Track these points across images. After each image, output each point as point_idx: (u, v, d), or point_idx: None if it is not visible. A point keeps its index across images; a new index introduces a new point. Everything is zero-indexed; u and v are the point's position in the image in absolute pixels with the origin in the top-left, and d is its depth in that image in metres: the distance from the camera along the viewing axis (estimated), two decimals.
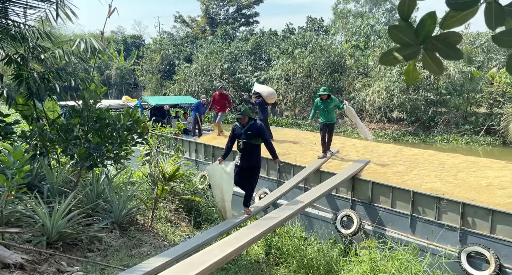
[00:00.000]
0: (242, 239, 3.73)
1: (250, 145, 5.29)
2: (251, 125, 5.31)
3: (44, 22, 4.80)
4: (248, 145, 5.28)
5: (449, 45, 1.08)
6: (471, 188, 5.96)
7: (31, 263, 3.14)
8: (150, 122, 10.67)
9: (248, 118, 5.35)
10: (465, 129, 19.60)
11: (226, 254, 3.38)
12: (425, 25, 1.11)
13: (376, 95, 20.43)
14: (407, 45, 1.11)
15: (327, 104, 7.72)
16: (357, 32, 26.29)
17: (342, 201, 6.98)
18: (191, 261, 3.29)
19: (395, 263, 4.17)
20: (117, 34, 47.94)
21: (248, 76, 28.18)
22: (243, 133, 5.31)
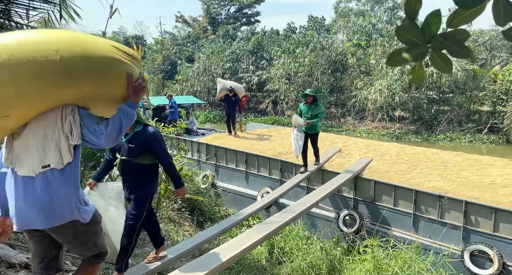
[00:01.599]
0: (244, 243, 3.74)
1: (132, 165, 3.08)
2: (136, 133, 3.05)
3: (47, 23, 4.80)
4: (129, 166, 3.09)
5: (458, 43, 1.07)
6: (474, 187, 5.95)
7: None
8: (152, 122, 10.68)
9: None
10: (468, 128, 19.55)
11: (228, 258, 3.39)
12: (430, 23, 1.11)
13: (378, 93, 20.41)
14: (415, 45, 1.11)
15: (310, 109, 6.77)
16: (358, 31, 26.25)
17: (344, 200, 6.98)
18: (193, 265, 3.30)
19: (398, 262, 4.18)
20: (118, 35, 48.01)
21: (250, 76, 28.18)
22: (123, 146, 3.12)
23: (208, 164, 9.70)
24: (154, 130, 3.16)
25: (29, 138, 1.76)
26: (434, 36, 1.10)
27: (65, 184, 1.82)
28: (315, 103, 6.82)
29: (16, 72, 1.58)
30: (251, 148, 8.96)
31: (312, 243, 6.07)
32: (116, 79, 1.85)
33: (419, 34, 1.10)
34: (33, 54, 1.60)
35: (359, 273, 4.33)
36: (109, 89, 1.85)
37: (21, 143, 1.77)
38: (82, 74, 1.71)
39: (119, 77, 1.85)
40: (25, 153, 1.77)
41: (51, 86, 1.67)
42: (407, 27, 1.10)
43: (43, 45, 1.64)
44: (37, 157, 1.77)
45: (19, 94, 1.62)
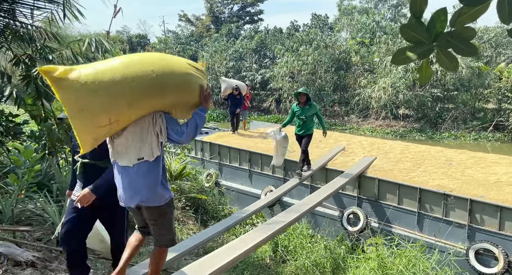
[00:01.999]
0: (248, 243, 3.75)
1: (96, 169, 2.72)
2: None
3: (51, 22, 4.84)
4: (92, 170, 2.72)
5: (463, 41, 1.07)
6: (479, 185, 5.92)
7: (42, 260, 3.19)
8: None
9: None
10: (473, 125, 19.41)
11: (233, 258, 3.40)
12: (437, 22, 1.10)
13: (382, 91, 20.31)
14: (420, 43, 1.10)
15: (304, 110, 6.30)
16: (362, 29, 26.12)
17: (348, 199, 6.97)
18: (199, 265, 3.31)
19: (402, 260, 4.17)
20: (122, 34, 48.12)
21: (253, 74, 28.16)
22: None
23: (211, 162, 9.72)
24: None
25: (128, 137, 2.25)
26: (440, 34, 1.09)
27: (153, 172, 2.30)
28: (309, 103, 6.36)
29: (126, 88, 2.07)
30: (254, 147, 8.96)
31: (316, 242, 6.07)
32: (192, 90, 2.34)
33: (425, 32, 1.09)
34: (136, 73, 2.10)
35: (363, 271, 4.32)
36: (187, 98, 2.34)
37: (121, 141, 2.27)
38: (170, 87, 2.21)
39: (194, 88, 2.34)
40: (124, 149, 2.27)
41: (148, 97, 2.16)
42: (413, 25, 1.10)
43: (142, 66, 2.13)
44: (134, 151, 2.26)
45: (128, 104, 2.10)
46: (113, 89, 2.04)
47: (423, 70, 1.21)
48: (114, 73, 2.07)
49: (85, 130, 2.10)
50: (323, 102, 24.78)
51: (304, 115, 6.30)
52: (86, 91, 2.01)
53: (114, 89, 2.04)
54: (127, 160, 2.28)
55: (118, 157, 2.31)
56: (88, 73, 2.05)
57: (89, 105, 2.03)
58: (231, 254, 3.42)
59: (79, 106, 2.03)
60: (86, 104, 2.03)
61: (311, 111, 6.32)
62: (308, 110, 6.31)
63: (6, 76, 4.75)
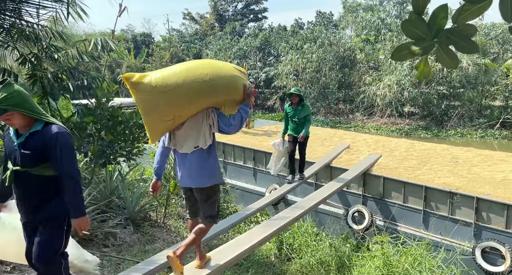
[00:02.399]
0: (253, 239, 3.76)
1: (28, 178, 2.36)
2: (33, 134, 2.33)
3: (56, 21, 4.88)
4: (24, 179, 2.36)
5: (464, 38, 1.06)
6: (485, 183, 5.87)
7: None
8: None
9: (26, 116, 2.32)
10: (480, 123, 19.22)
11: (237, 254, 3.42)
12: (437, 18, 1.09)
13: (387, 89, 20.18)
14: (421, 39, 1.10)
15: (297, 112, 5.94)
16: (367, 26, 25.94)
17: (353, 197, 6.95)
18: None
19: (408, 258, 4.15)
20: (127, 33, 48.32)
21: (257, 72, 28.13)
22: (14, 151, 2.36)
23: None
24: (59, 130, 2.33)
25: (187, 129, 2.70)
26: (440, 31, 1.09)
27: (207, 158, 2.75)
28: (302, 104, 5.97)
29: (188, 89, 2.52)
30: (259, 145, 8.96)
31: (321, 240, 6.07)
32: (238, 89, 2.76)
33: (426, 28, 1.09)
34: (195, 77, 2.55)
35: (368, 269, 4.32)
36: (234, 96, 2.78)
37: (181, 133, 2.72)
38: (220, 88, 2.65)
39: (239, 87, 2.76)
40: (183, 139, 2.72)
41: (204, 96, 2.61)
42: (414, 21, 1.09)
43: (198, 71, 2.59)
44: (191, 141, 2.70)
45: (188, 102, 2.55)
46: (177, 90, 2.50)
47: (422, 67, 1.20)
48: (177, 77, 2.54)
49: (155, 124, 2.57)
50: (327, 100, 24.69)
51: (297, 117, 5.93)
52: (156, 92, 2.48)
53: (177, 90, 2.50)
54: (185, 148, 2.73)
55: (178, 146, 2.76)
56: (157, 77, 2.52)
57: (158, 103, 2.50)
58: (236, 250, 3.44)
59: (151, 104, 2.50)
60: (156, 102, 2.50)
61: (304, 113, 5.93)
62: (301, 112, 5.92)
63: (13, 75, 4.81)
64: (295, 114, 5.95)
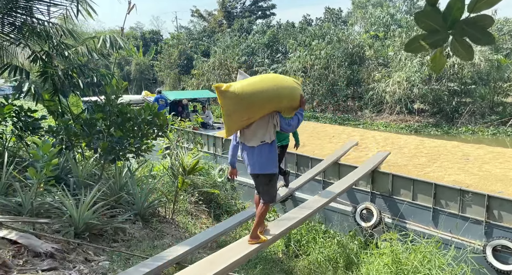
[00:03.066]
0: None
1: None
2: None
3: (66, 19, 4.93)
4: None
5: (480, 30, 1.03)
6: (497, 180, 5.77)
7: (61, 252, 3.28)
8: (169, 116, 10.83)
9: None
10: (491, 120, 18.89)
11: (247, 253, 3.43)
12: (453, 9, 1.07)
13: (397, 86, 19.94)
14: (435, 31, 1.07)
15: None
16: (376, 22, 25.63)
17: (361, 194, 6.90)
18: (213, 259, 3.35)
19: (417, 256, 4.11)
20: (135, 30, 48.61)
21: (265, 69, 28.05)
22: None
23: (224, 157, 9.76)
24: None
25: (255, 128, 3.38)
26: (456, 22, 1.06)
27: (270, 150, 3.42)
28: None
29: (261, 97, 3.20)
30: None
31: (328, 237, 6.05)
32: (296, 97, 3.46)
33: (440, 19, 1.06)
34: (267, 87, 3.24)
35: (377, 267, 4.29)
36: (292, 103, 3.47)
37: (250, 130, 3.40)
38: (284, 96, 3.34)
39: (297, 96, 3.47)
40: (252, 135, 3.41)
41: (272, 102, 3.29)
42: (428, 13, 1.06)
43: (269, 83, 3.33)
44: (259, 137, 3.38)
45: (260, 107, 3.25)
46: (252, 98, 3.19)
47: (437, 59, 1.17)
48: (252, 87, 3.24)
49: (233, 123, 3.27)
50: (336, 97, 24.51)
51: None
52: (237, 99, 3.17)
53: (253, 98, 3.20)
54: (253, 142, 3.42)
55: (246, 140, 3.45)
56: (238, 87, 3.21)
57: (238, 107, 3.20)
58: (246, 249, 3.45)
59: (233, 108, 3.20)
60: (236, 107, 3.20)
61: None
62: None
63: (25, 72, 4.87)
64: None
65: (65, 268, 3.13)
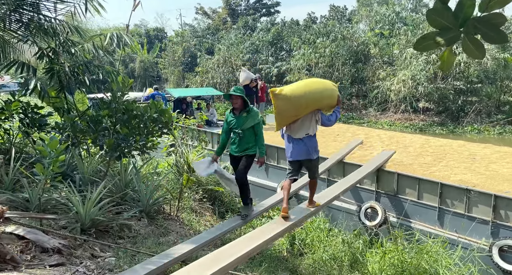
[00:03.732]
0: (266, 234, 3.78)
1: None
2: None
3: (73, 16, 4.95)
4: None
5: (492, 28, 1.02)
6: (504, 180, 5.73)
7: (68, 248, 3.31)
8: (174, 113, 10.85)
9: None
10: (498, 119, 18.71)
11: (250, 249, 3.44)
12: (464, 6, 1.05)
13: (402, 84, 19.80)
14: (447, 29, 1.06)
15: (241, 120, 4.33)
16: (381, 20, 25.44)
17: (366, 193, 6.88)
18: (217, 255, 3.36)
19: (424, 256, 4.09)
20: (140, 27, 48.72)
21: (269, 67, 27.99)
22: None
23: (228, 155, 9.78)
24: None
25: (301, 123, 4.17)
26: (467, 20, 1.05)
27: (313, 141, 4.26)
28: (247, 110, 4.34)
29: (307, 98, 3.99)
30: (270, 140, 8.94)
31: (333, 236, 6.04)
32: (334, 97, 4.27)
33: (452, 17, 1.05)
34: (310, 90, 4.03)
35: (382, 266, 4.28)
36: (331, 102, 4.28)
37: (296, 126, 4.19)
38: (325, 97, 4.16)
39: (335, 96, 4.28)
40: (298, 128, 4.19)
41: (315, 103, 4.07)
42: (439, 11, 1.05)
43: (313, 86, 4.13)
44: (304, 130, 4.18)
45: (306, 107, 4.02)
46: (299, 99, 3.96)
47: (445, 57, 1.16)
48: (300, 91, 4.03)
49: (283, 120, 4.10)
50: (340, 95, 24.35)
51: (240, 128, 4.33)
52: (287, 100, 3.95)
53: (300, 99, 3.97)
54: (299, 135, 4.19)
55: (292, 133, 4.23)
56: (288, 91, 4.02)
57: (288, 107, 3.98)
58: (249, 245, 3.45)
59: (284, 107, 3.98)
60: (287, 106, 3.98)
61: (250, 122, 4.30)
62: (245, 120, 4.32)
63: (32, 69, 4.90)
64: (237, 123, 4.36)
65: (72, 263, 3.15)
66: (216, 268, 3.07)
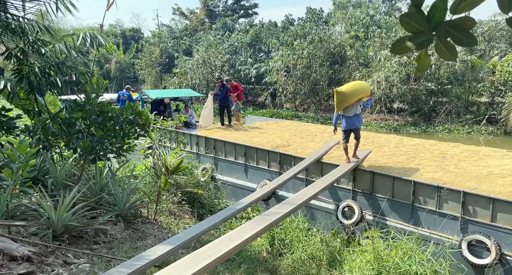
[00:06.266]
0: (245, 233, 3.76)
1: None
2: None
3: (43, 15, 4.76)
4: None
5: (463, 31, 1.06)
6: (472, 177, 5.98)
7: (38, 255, 3.17)
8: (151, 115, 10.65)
9: None
10: (467, 119, 19.58)
11: (230, 249, 3.41)
12: (437, 10, 1.09)
13: (376, 85, 20.36)
14: (420, 32, 1.10)
15: None
16: (356, 23, 26.08)
17: (343, 192, 7.01)
18: (195, 256, 3.31)
19: (398, 253, 4.21)
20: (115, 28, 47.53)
21: (248, 68, 28.04)
22: None
23: (207, 157, 9.70)
24: None
25: (351, 107, 6.76)
26: (439, 24, 1.09)
27: (359, 118, 6.93)
28: None
29: (356, 93, 6.67)
30: (250, 141, 8.95)
31: (312, 235, 6.11)
32: (369, 92, 7.05)
33: (424, 21, 1.09)
34: (358, 87, 6.79)
35: (359, 264, 4.37)
36: (367, 94, 7.00)
37: (348, 108, 6.77)
38: (365, 92, 6.89)
39: (369, 91, 7.06)
40: (349, 110, 6.79)
41: (360, 95, 6.77)
42: (413, 15, 1.09)
43: (358, 86, 6.90)
44: (353, 111, 6.80)
45: (354, 98, 6.68)
46: (352, 93, 6.55)
47: (422, 59, 1.20)
48: (353, 88, 6.64)
49: (342, 106, 6.63)
50: (318, 96, 24.78)
51: None
52: (344, 95, 6.51)
53: (352, 93, 6.56)
54: (350, 113, 6.73)
55: (346, 113, 6.74)
56: (345, 89, 6.55)
57: (345, 99, 6.52)
58: (229, 245, 3.43)
59: (343, 99, 6.53)
60: (344, 98, 6.52)
61: None
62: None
63: None
64: None
65: (43, 271, 3.03)
66: (194, 269, 3.03)
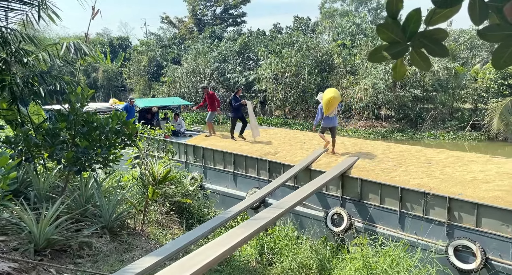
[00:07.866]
0: (233, 239, 3.71)
1: None
2: None
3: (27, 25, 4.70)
4: None
5: (435, 42, 1.09)
6: (456, 183, 6.07)
7: (19, 271, 3.07)
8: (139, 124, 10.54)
9: None
10: (451, 125, 19.99)
11: (218, 255, 3.35)
12: (412, 21, 1.12)
13: (363, 93, 20.66)
14: (395, 42, 1.12)
15: None
16: (343, 31, 26.55)
17: (332, 199, 7.03)
18: (182, 263, 3.25)
19: (387, 260, 4.22)
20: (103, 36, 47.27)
21: (237, 76, 28.15)
22: None
23: (196, 166, 9.63)
24: None
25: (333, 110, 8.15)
26: (414, 34, 1.11)
27: (336, 118, 8.49)
28: None
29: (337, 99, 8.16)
30: (239, 149, 8.93)
31: (301, 243, 6.09)
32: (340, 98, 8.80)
33: (400, 32, 1.11)
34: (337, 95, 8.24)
35: (349, 272, 4.36)
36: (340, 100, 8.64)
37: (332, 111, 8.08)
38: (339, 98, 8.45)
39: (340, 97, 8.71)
40: (332, 112, 8.09)
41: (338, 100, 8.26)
42: (389, 25, 1.11)
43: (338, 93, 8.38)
44: (334, 112, 8.21)
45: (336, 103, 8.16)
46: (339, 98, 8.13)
47: (398, 68, 1.23)
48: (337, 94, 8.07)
49: (329, 109, 7.94)
50: (307, 103, 24.98)
51: None
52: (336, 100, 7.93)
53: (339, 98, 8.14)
54: (332, 114, 8.08)
55: (329, 114, 8.02)
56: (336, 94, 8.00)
57: (335, 103, 7.95)
58: (216, 251, 3.37)
59: (334, 104, 7.90)
60: (335, 103, 7.94)
61: None
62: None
63: None
64: None
65: None
66: None
